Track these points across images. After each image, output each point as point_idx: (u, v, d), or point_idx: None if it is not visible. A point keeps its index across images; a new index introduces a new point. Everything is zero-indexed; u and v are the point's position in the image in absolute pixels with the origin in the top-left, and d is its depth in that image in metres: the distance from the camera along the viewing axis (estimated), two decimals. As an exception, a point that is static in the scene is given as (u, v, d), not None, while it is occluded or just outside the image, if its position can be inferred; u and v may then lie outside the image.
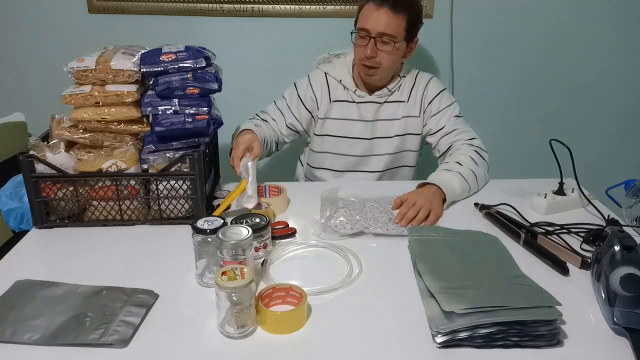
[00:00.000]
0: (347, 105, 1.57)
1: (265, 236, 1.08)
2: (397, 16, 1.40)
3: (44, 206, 1.18)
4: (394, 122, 1.57)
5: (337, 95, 1.57)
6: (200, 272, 0.98)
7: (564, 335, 0.84)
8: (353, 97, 1.56)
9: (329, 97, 1.57)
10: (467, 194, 1.37)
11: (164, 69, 1.20)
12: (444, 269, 0.97)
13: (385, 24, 1.40)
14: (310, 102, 1.58)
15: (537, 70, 2.11)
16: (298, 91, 1.58)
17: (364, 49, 1.43)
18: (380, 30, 1.40)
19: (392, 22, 1.40)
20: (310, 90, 1.57)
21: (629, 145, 2.26)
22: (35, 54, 2.01)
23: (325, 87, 1.57)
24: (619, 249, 0.91)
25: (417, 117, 1.58)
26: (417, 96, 1.57)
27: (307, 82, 1.58)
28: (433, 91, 1.56)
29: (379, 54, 1.43)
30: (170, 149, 1.24)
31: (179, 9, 1.95)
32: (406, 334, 0.85)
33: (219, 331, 0.85)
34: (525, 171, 2.19)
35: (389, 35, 1.41)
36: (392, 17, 1.40)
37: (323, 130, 1.60)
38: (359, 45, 1.45)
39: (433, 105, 1.55)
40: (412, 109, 1.57)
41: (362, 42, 1.44)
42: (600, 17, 2.04)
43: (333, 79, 1.57)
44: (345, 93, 1.57)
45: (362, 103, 1.56)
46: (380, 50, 1.43)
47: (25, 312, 0.88)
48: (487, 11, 2.01)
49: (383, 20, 1.40)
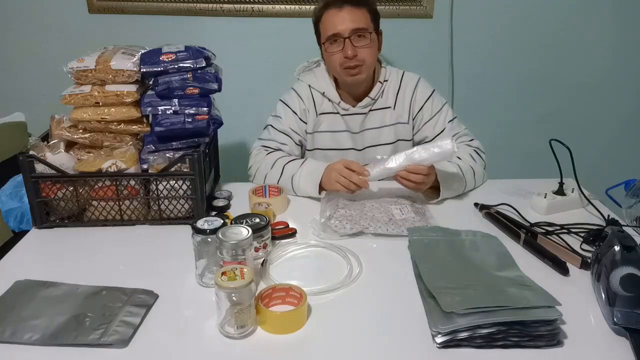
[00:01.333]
0: (333, 117, 1.53)
1: (265, 236, 1.08)
2: (360, 9, 1.39)
3: (44, 206, 1.18)
4: (383, 129, 1.54)
5: (323, 108, 1.53)
6: (200, 272, 0.98)
7: (564, 335, 0.84)
8: (337, 109, 1.52)
9: (315, 110, 1.53)
10: (463, 189, 1.37)
11: (164, 69, 1.20)
12: (444, 269, 0.97)
13: (353, 20, 1.38)
14: (304, 115, 1.53)
15: (537, 70, 2.11)
16: (290, 106, 1.53)
17: (342, 52, 1.40)
18: (351, 27, 1.38)
19: (358, 17, 1.39)
20: (302, 102, 1.53)
21: (629, 145, 2.26)
22: (35, 54, 2.01)
23: (311, 100, 1.53)
24: (619, 249, 0.91)
25: (406, 124, 1.54)
26: (404, 101, 1.53)
27: (295, 96, 1.53)
28: (422, 95, 1.52)
29: (358, 51, 1.40)
30: (170, 149, 1.24)
31: (179, 9, 1.95)
32: (406, 334, 0.85)
33: (219, 331, 0.85)
34: (525, 171, 2.19)
35: (361, 30, 1.39)
36: (357, 12, 1.39)
37: (314, 144, 1.56)
38: (335, 52, 1.41)
39: (425, 112, 1.52)
40: (400, 115, 1.53)
41: (336, 47, 1.40)
42: (600, 18, 2.04)
43: (316, 92, 1.53)
44: (330, 105, 1.53)
45: (347, 115, 1.52)
46: (358, 47, 1.39)
47: (25, 312, 0.88)
48: (487, 11, 2.01)
49: (350, 18, 1.38)
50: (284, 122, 1.52)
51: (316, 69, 1.56)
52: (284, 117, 1.53)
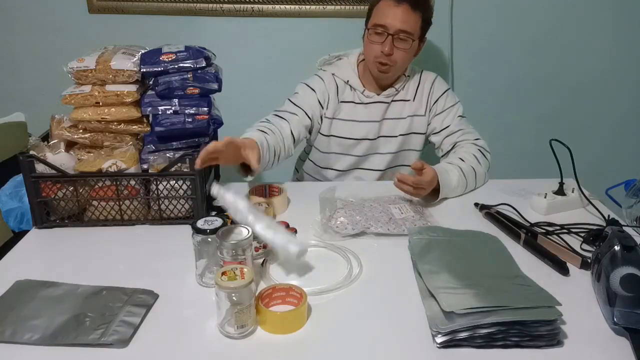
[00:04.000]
0: (354, 106, 1.56)
1: (265, 236, 1.07)
2: (415, 14, 1.40)
3: (44, 206, 1.18)
4: (400, 121, 1.57)
5: (345, 96, 1.55)
6: (200, 272, 0.98)
7: (564, 335, 0.84)
8: (361, 98, 1.54)
9: (337, 97, 1.55)
10: (463, 190, 1.37)
11: (164, 69, 1.20)
12: (444, 269, 0.97)
13: (404, 20, 1.39)
14: (323, 97, 1.54)
15: (537, 70, 2.11)
16: (310, 85, 1.55)
17: (381, 45, 1.42)
18: (399, 27, 1.39)
19: (411, 20, 1.40)
20: (323, 85, 1.54)
21: (629, 145, 2.26)
22: (35, 54, 2.01)
23: (334, 86, 1.55)
24: (619, 249, 0.91)
25: (423, 117, 1.57)
26: (423, 95, 1.56)
27: (318, 79, 1.56)
28: (439, 90, 1.56)
29: (395, 51, 1.42)
30: (170, 149, 1.24)
31: (179, 9, 1.95)
32: (406, 334, 0.85)
33: (219, 331, 0.85)
34: (525, 171, 2.19)
35: (407, 33, 1.40)
36: (411, 15, 1.40)
37: (330, 130, 1.58)
38: (375, 42, 1.43)
39: (438, 104, 1.55)
40: (418, 108, 1.57)
41: (378, 38, 1.42)
42: (600, 17, 2.04)
43: (340, 80, 1.55)
44: (353, 94, 1.55)
45: (370, 103, 1.55)
46: (397, 48, 1.41)
47: (25, 312, 0.88)
48: (487, 11, 2.01)
49: (402, 17, 1.39)
50: (301, 97, 1.53)
51: (338, 62, 1.58)
52: (302, 93, 1.54)
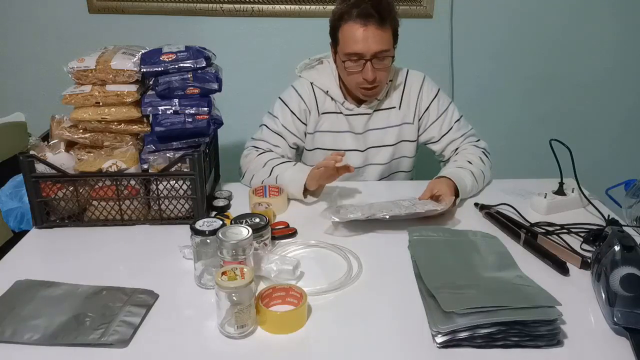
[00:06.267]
0: (335, 116, 1.48)
1: (265, 236, 1.07)
2: (385, 28, 1.31)
3: (44, 206, 1.18)
4: (387, 130, 1.50)
5: (326, 107, 1.48)
6: (199, 274, 0.98)
7: (564, 335, 0.84)
8: (341, 109, 1.47)
9: (317, 109, 1.48)
10: (473, 193, 1.37)
11: (164, 69, 1.20)
12: (444, 269, 0.97)
13: (377, 41, 1.30)
14: (303, 115, 1.48)
15: (537, 70, 2.11)
16: (289, 106, 1.47)
17: (361, 74, 1.34)
18: (374, 50, 1.31)
19: (383, 37, 1.31)
20: (302, 102, 1.47)
21: (629, 145, 2.27)
22: (35, 54, 2.01)
23: (313, 99, 1.47)
24: (619, 249, 0.91)
25: (412, 124, 1.50)
26: (410, 102, 1.49)
27: (295, 94, 1.47)
28: (428, 95, 1.49)
29: (377, 73, 1.34)
30: (170, 149, 1.24)
31: (178, 9, 1.95)
32: (406, 334, 0.85)
33: (219, 331, 0.85)
34: (525, 171, 2.19)
35: (384, 51, 1.32)
36: (381, 31, 1.31)
37: (314, 144, 1.51)
38: (353, 71, 1.35)
39: (431, 112, 1.49)
40: (406, 116, 1.50)
41: (355, 67, 1.34)
42: (600, 18, 2.04)
43: (319, 90, 1.47)
44: (334, 104, 1.48)
45: (350, 115, 1.48)
46: (377, 70, 1.34)
47: (25, 312, 0.88)
48: (487, 11, 2.01)
49: (374, 38, 1.30)
50: (280, 122, 1.47)
51: (319, 66, 1.50)
52: (281, 117, 1.47)
